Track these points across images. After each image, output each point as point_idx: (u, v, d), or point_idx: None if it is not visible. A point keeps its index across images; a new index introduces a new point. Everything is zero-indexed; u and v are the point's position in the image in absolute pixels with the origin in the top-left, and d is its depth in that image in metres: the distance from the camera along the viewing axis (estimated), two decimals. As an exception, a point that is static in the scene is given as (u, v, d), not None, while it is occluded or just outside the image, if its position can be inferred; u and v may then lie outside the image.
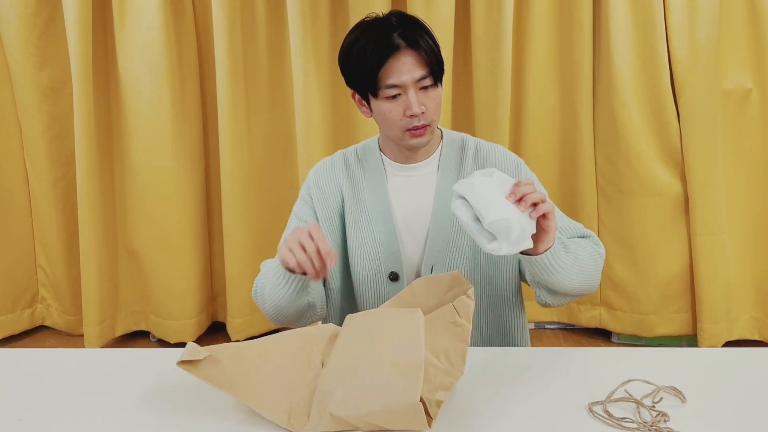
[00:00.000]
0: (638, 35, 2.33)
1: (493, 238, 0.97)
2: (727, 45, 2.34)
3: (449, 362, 0.90)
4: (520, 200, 0.97)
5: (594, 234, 1.25)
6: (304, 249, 1.01)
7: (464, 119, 2.53)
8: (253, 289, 1.21)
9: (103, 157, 2.58)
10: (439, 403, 0.87)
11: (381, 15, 1.17)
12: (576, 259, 1.11)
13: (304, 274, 1.05)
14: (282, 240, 1.16)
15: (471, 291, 1.03)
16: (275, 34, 2.52)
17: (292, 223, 1.29)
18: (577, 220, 2.49)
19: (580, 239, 1.21)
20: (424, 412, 0.84)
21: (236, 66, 2.46)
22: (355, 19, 2.37)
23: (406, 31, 1.13)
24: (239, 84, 2.48)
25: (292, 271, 1.06)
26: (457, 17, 2.42)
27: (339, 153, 1.34)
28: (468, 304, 1.01)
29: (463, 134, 1.33)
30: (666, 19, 2.30)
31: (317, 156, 2.46)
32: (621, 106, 2.35)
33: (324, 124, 2.48)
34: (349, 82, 1.20)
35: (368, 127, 2.38)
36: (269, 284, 1.13)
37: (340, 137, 2.52)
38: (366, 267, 1.24)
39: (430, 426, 0.85)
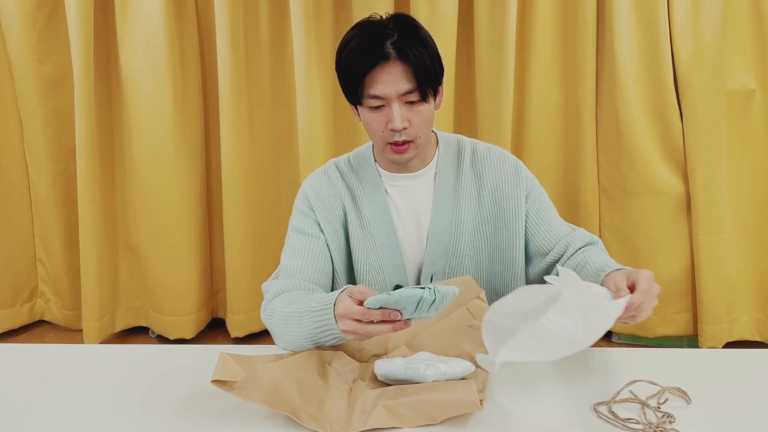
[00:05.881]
0: (642, 34, 2.32)
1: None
2: (731, 45, 2.33)
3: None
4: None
5: (598, 238, 1.24)
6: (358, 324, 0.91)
7: (467, 118, 2.53)
8: (265, 318, 1.14)
9: (104, 152, 2.57)
10: (483, 387, 0.92)
11: (382, 17, 1.12)
12: None
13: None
14: (286, 255, 1.19)
15: (483, 294, 1.07)
16: (278, 30, 2.51)
17: (293, 238, 1.24)
18: (578, 219, 2.50)
19: (595, 248, 1.20)
20: (476, 392, 0.87)
21: (238, 61, 2.44)
22: (358, 16, 2.36)
23: (400, 40, 1.07)
24: (241, 80, 2.47)
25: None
26: (461, 15, 2.41)
27: (331, 163, 1.30)
28: (482, 307, 1.06)
29: (458, 136, 1.29)
30: (670, 19, 2.29)
31: (319, 153, 2.45)
32: (624, 105, 2.34)
33: (326, 121, 2.47)
34: (340, 84, 1.15)
35: (370, 125, 2.36)
36: (298, 342, 1.05)
37: (342, 134, 2.51)
38: (371, 281, 1.23)
39: (481, 406, 0.87)
